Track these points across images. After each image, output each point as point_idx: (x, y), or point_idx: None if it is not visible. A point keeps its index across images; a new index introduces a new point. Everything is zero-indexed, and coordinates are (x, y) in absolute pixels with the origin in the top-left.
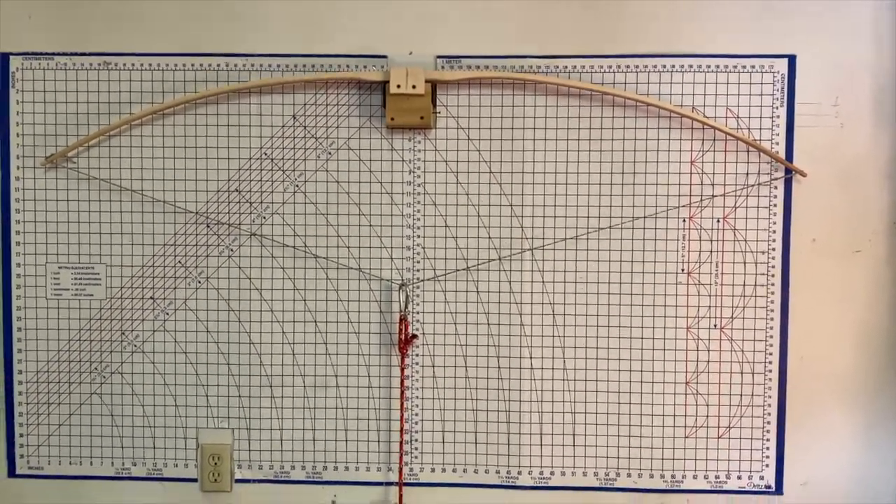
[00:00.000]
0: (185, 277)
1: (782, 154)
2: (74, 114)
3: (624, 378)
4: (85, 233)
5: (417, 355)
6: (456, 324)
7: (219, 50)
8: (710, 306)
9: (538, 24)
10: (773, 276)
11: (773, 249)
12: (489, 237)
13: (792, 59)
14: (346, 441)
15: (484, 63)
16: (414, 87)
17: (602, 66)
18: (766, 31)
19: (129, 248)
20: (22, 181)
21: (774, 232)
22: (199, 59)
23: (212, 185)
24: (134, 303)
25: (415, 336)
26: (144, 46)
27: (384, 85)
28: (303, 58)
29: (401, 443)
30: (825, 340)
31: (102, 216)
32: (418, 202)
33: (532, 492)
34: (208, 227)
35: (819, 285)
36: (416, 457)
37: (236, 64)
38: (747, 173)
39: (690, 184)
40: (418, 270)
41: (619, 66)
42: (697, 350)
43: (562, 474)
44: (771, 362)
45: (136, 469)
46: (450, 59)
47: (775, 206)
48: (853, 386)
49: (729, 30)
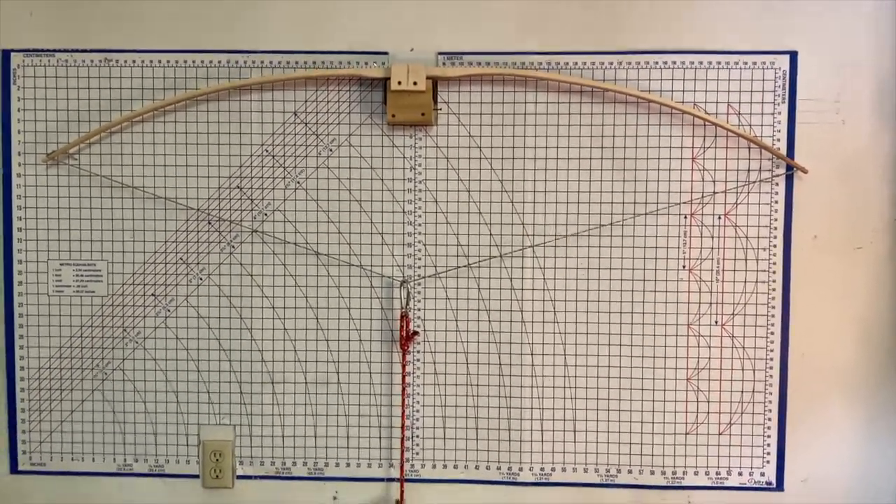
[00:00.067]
0: (187, 274)
1: (783, 151)
2: (76, 110)
3: (625, 374)
4: (86, 229)
5: (419, 352)
6: (457, 320)
7: (220, 47)
8: (710, 303)
9: (539, 20)
10: (774, 272)
11: (775, 246)
12: (490, 234)
13: (793, 56)
14: (348, 437)
15: (485, 59)
16: (415, 83)
17: (603, 63)
18: (767, 28)
19: (130, 244)
20: (23, 178)
21: (775, 229)
22: (200, 55)
23: (213, 182)
24: (135, 299)
25: (416, 333)
26: (145, 43)
27: (385, 81)
28: (304, 54)
29: (402, 439)
30: (826, 337)
31: (104, 213)
32: (419, 199)
33: (533, 488)
34: (209, 223)
35: (820, 282)
36: (417, 453)
37: (237, 61)
38: (748, 170)
39: (692, 180)
40: (419, 267)
41: (621, 63)
42: (698, 347)
43: (563, 471)
44: (772, 359)
45: (137, 465)
46: (451, 56)
47: (776, 202)
48: (854, 382)
49: (730, 26)
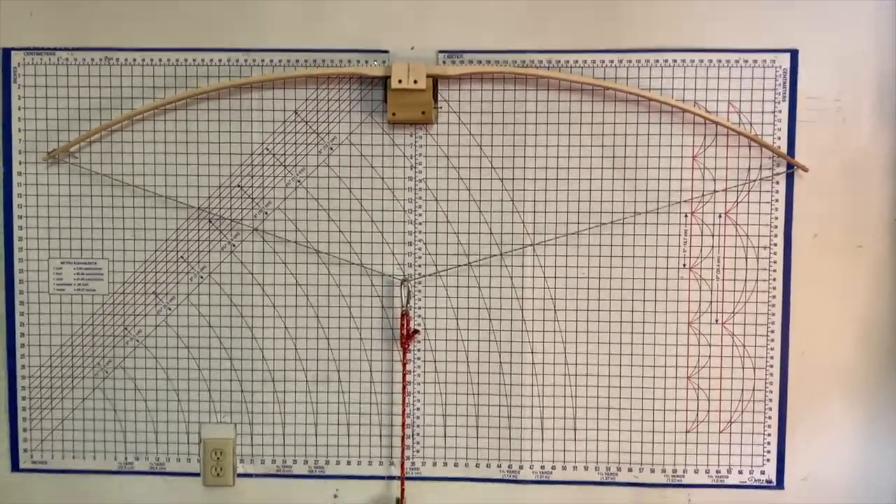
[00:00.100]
0: (188, 273)
1: (784, 149)
2: (76, 109)
3: (625, 373)
4: (87, 228)
5: (419, 350)
6: (458, 319)
7: (220, 45)
8: (711, 301)
9: (540, 18)
10: (774, 271)
11: (775, 244)
12: (490, 232)
13: (794, 54)
14: (349, 436)
15: (485, 58)
16: (415, 81)
17: (604, 61)
18: (768, 26)
19: (131, 243)
20: (24, 176)
21: (776, 227)
22: (201, 54)
23: (214, 181)
24: (136, 298)
25: (416, 331)
26: (146, 42)
27: (385, 80)
28: (304, 53)
29: (402, 437)
30: (826, 335)
31: (105, 211)
32: (420, 197)
33: (533, 486)
34: (210, 222)
35: (820, 280)
36: (417, 451)
37: (238, 59)
38: (749, 168)
39: (692, 179)
40: (420, 266)
41: (621, 61)
42: (699, 345)
43: (563, 469)
44: (772, 357)
45: (138, 463)
46: (451, 54)
47: (777, 201)
48: (854, 381)
49: (731, 24)
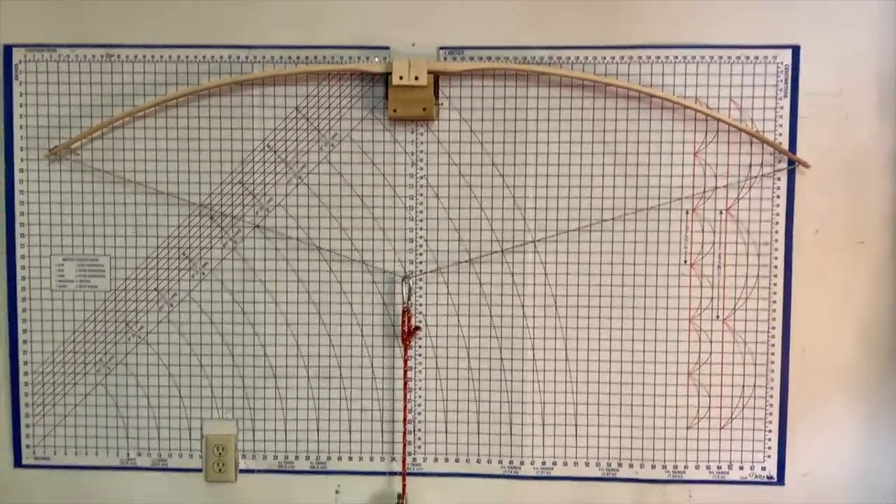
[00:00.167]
0: (189, 269)
1: (786, 145)
2: (77, 105)
3: (626, 369)
4: (89, 224)
5: (420, 347)
6: (459, 315)
7: (221, 41)
8: (712, 298)
9: (541, 14)
10: (775, 267)
11: (776, 241)
12: (492, 229)
13: (796, 50)
14: (350, 432)
15: (487, 54)
16: (416, 78)
17: (605, 57)
18: (770, 22)
19: (132, 239)
20: (26, 173)
21: (777, 223)
22: (202, 50)
23: (215, 178)
24: (138, 294)
25: (418, 328)
26: (147, 38)
27: (387, 76)
28: (305, 49)
29: (404, 433)
30: (827, 332)
31: (106, 208)
32: (421, 194)
33: (534, 482)
34: (212, 218)
35: (822, 277)
36: (419, 447)
37: (239, 56)
38: (750, 164)
39: (693, 175)
40: (421, 262)
41: (623, 57)
42: (700, 341)
43: (564, 465)
44: (773, 354)
45: (140, 459)
46: (452, 50)
47: (778, 197)
48: (855, 377)
49: (733, 20)
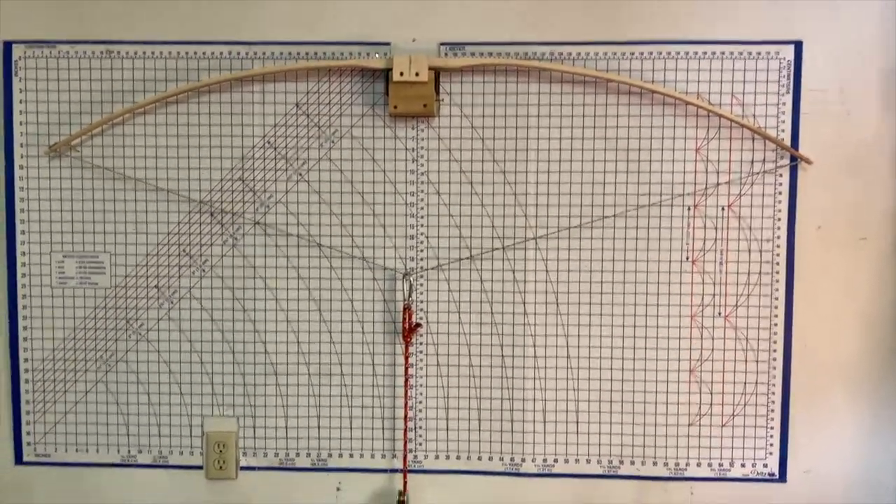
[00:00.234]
0: (190, 266)
1: (788, 141)
2: (77, 102)
3: (628, 366)
4: (89, 221)
5: (421, 344)
6: (459, 312)
7: (222, 38)
8: (714, 294)
9: (542, 10)
10: (777, 263)
11: (778, 237)
12: (493, 226)
13: (798, 46)
14: (351, 429)
15: (487, 50)
16: (417, 74)
17: (606, 53)
18: (772, 18)
19: (133, 236)
20: (26, 170)
21: (779, 220)
22: (202, 47)
23: (215, 174)
24: (138, 291)
25: (418, 325)
26: (147, 35)
27: (387, 72)
28: (305, 45)
29: (405, 430)
30: (829, 328)
31: (106, 205)
32: (422, 191)
33: (536, 479)
34: (212, 215)
35: (824, 273)
36: (420, 444)
37: (239, 52)
38: (752, 161)
39: (695, 171)
40: (422, 259)
41: (624, 53)
42: (702, 338)
43: (565, 462)
44: (775, 350)
45: (141, 456)
46: (453, 46)
47: (780, 193)
48: (857, 374)
49: (734, 16)
